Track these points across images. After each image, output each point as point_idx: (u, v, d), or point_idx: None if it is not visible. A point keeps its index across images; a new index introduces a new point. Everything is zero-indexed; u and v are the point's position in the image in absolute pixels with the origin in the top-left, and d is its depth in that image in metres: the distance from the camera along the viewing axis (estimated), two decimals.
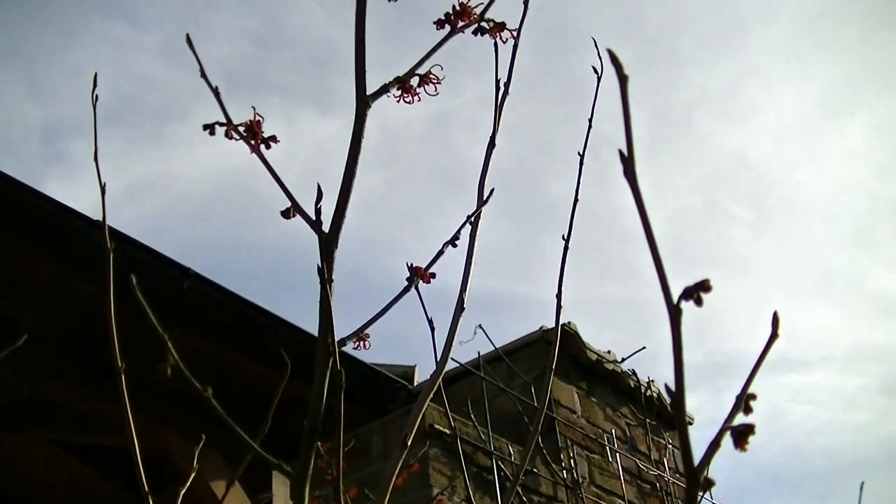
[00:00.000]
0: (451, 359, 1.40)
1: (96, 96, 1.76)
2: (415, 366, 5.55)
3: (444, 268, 1.21)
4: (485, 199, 1.19)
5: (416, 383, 5.48)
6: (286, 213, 0.97)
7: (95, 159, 1.73)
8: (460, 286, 1.17)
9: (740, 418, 0.69)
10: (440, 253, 1.15)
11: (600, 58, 1.94)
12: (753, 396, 0.70)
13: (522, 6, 1.56)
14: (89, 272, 3.66)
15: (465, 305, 1.16)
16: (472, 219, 1.18)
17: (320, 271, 0.92)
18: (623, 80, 0.61)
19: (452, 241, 1.15)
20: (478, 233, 1.18)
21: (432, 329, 1.48)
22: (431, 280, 1.15)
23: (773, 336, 0.72)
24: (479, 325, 4.41)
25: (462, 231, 1.19)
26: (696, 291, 0.63)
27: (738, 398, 0.70)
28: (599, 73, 1.90)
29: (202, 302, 4.27)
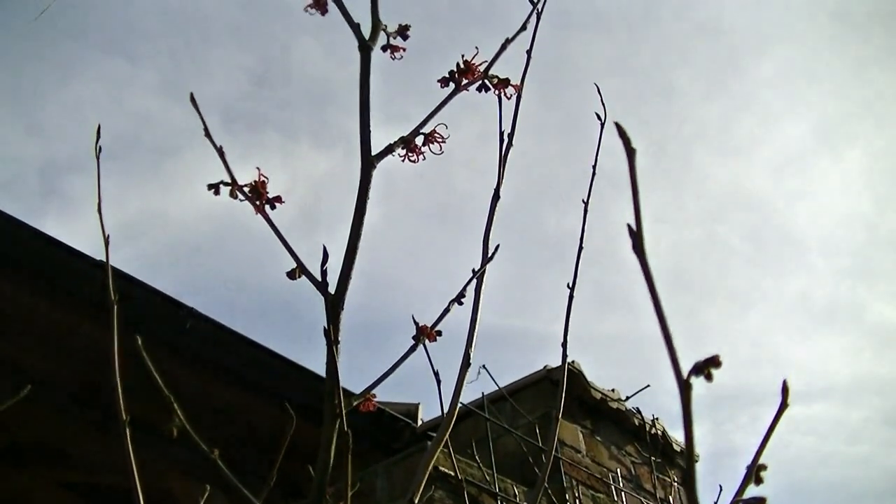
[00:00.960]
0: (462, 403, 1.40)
1: (99, 147, 1.76)
2: (418, 404, 5.52)
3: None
4: (490, 255, 1.18)
5: (419, 421, 5.45)
6: (292, 275, 0.97)
7: (99, 210, 1.73)
8: (466, 342, 1.17)
9: (752, 490, 0.69)
10: (446, 311, 1.15)
11: (603, 104, 1.95)
12: (764, 467, 0.69)
13: (525, 56, 1.57)
14: (94, 313, 3.66)
15: (470, 361, 1.16)
16: (478, 276, 1.18)
17: (326, 333, 0.92)
18: (630, 153, 0.61)
19: (458, 299, 1.15)
20: (483, 289, 1.18)
21: (438, 382, 1.48)
22: (437, 338, 1.14)
23: (783, 406, 0.72)
24: (483, 366, 4.39)
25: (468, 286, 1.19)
26: (707, 367, 0.62)
27: (749, 469, 0.70)
28: (603, 119, 1.91)
29: (205, 341, 4.27)
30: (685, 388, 0.61)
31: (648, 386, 5.83)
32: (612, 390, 5.70)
